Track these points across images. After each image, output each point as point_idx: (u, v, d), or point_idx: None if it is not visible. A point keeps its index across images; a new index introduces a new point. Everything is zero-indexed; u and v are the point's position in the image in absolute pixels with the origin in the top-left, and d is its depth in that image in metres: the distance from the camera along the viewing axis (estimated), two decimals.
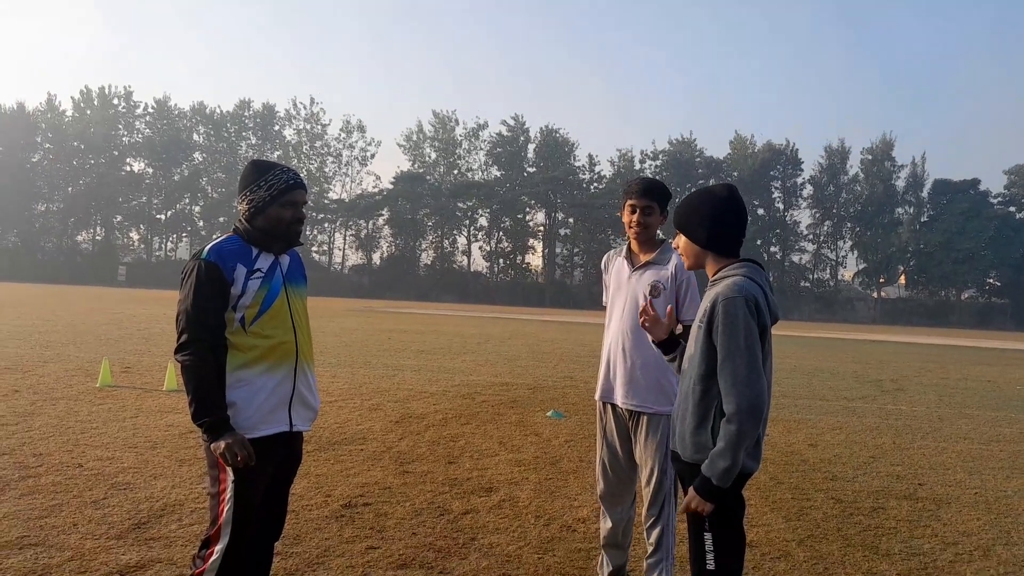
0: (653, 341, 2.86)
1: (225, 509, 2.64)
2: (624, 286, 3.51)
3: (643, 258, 3.49)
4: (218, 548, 2.63)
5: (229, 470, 2.63)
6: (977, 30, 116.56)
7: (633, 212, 3.46)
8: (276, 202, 2.76)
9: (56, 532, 4.08)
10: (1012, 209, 68.45)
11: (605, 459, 3.55)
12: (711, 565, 2.47)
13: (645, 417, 3.37)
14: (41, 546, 3.87)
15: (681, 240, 2.68)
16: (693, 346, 2.55)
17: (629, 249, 3.57)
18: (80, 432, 6.57)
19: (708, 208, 2.59)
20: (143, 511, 4.52)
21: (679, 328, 3.34)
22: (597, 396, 3.63)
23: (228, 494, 2.64)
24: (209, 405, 2.59)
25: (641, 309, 2.83)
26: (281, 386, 2.75)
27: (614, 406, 3.51)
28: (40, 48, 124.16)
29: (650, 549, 3.37)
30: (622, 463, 3.50)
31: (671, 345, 2.85)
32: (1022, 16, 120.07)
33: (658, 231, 3.51)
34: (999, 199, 68.95)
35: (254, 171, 2.80)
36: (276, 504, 2.93)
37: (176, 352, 2.65)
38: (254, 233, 2.77)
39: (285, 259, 2.88)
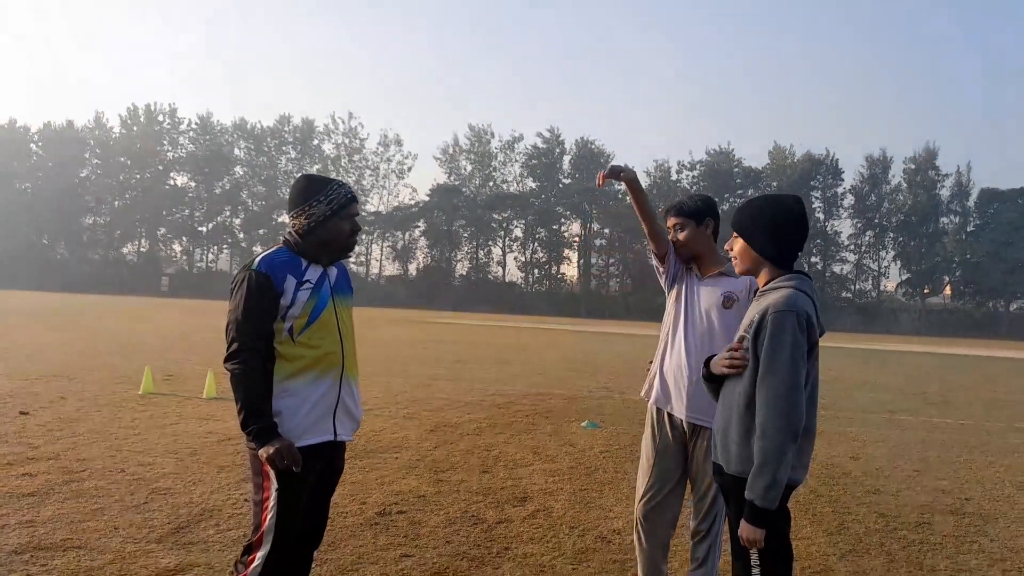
0: (704, 376, 2.67)
1: (268, 516, 2.66)
2: (694, 294, 3.40)
3: (712, 269, 3.40)
4: (260, 555, 2.65)
5: (273, 478, 2.66)
6: (1021, 38, 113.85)
7: (671, 234, 3.46)
8: (336, 215, 2.81)
9: (98, 535, 4.16)
10: None
11: (654, 468, 3.42)
12: None
13: (708, 431, 3.27)
14: (83, 549, 3.95)
15: (738, 244, 2.63)
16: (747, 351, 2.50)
17: (696, 268, 3.49)
18: (123, 438, 6.71)
19: (776, 217, 2.55)
20: (182, 516, 4.58)
21: None
22: (651, 401, 3.49)
23: (272, 502, 2.66)
24: (258, 412, 2.62)
25: (732, 350, 2.53)
26: (326, 396, 2.78)
27: (670, 416, 3.41)
28: (89, 67, 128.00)
29: (694, 564, 3.29)
30: (673, 474, 3.40)
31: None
32: None
33: (715, 247, 3.41)
34: None
35: (311, 186, 2.85)
36: (317, 513, 2.95)
37: (226, 361, 2.68)
38: (305, 246, 2.81)
39: (333, 271, 2.92)
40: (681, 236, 3.40)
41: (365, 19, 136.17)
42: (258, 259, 2.75)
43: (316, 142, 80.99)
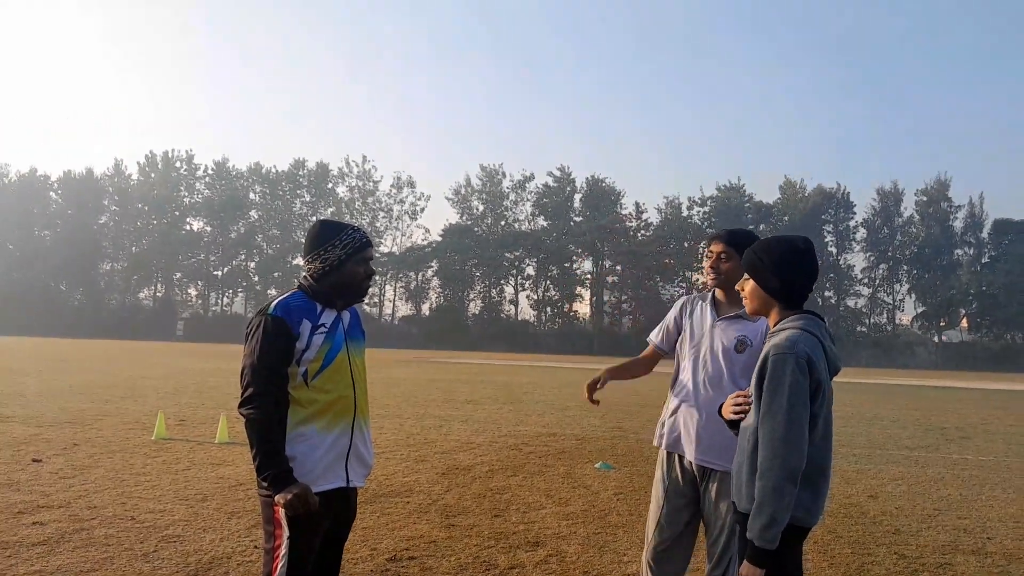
0: (725, 419, 2.71)
1: (280, 565, 2.64)
2: (707, 335, 3.36)
3: (730, 310, 3.37)
4: None
5: (285, 525, 2.64)
6: None
7: (710, 257, 3.42)
8: (351, 260, 2.84)
9: None
10: None
11: (664, 512, 3.37)
12: None
13: (719, 474, 3.24)
14: None
15: (748, 285, 2.66)
16: (751, 398, 2.53)
17: (714, 298, 3.46)
18: (134, 485, 6.70)
19: (783, 256, 2.58)
20: (191, 564, 4.56)
21: None
22: (662, 445, 3.46)
23: (283, 550, 2.64)
24: (274, 457, 2.61)
25: (737, 399, 2.62)
26: (339, 441, 2.77)
27: (681, 458, 3.37)
28: (108, 114, 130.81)
29: None
30: (683, 519, 3.34)
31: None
32: None
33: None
34: None
35: (325, 231, 2.88)
36: (329, 560, 2.92)
37: (241, 406, 2.68)
38: (320, 290, 2.84)
39: (346, 315, 2.93)
40: (724, 266, 3.36)
41: (377, 62, 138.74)
42: (274, 303, 2.77)
43: (330, 185, 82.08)
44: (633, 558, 5.02)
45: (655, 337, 3.67)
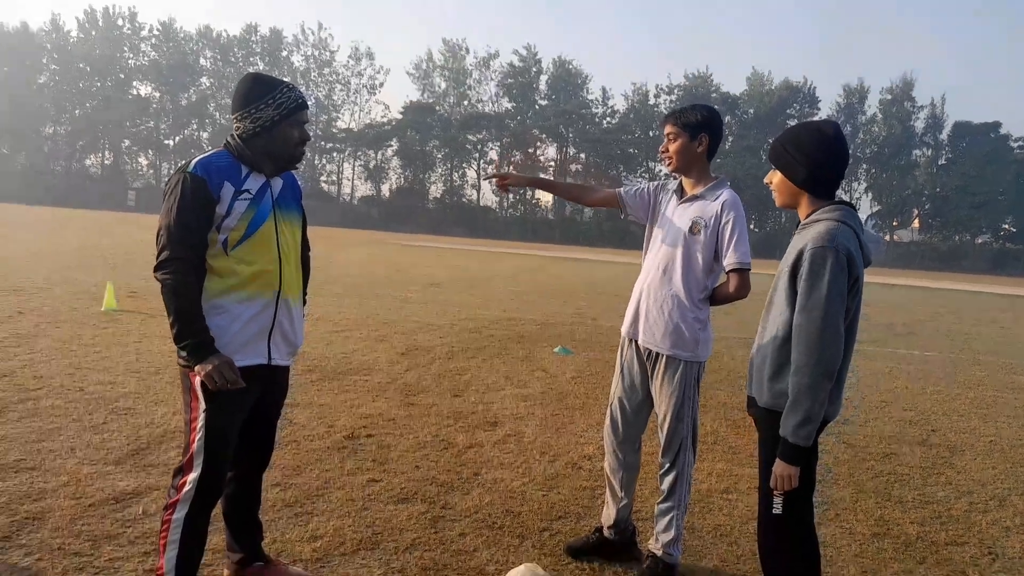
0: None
1: (197, 438, 2.52)
2: (667, 219, 3.28)
3: (691, 191, 3.26)
4: (191, 478, 2.51)
5: (202, 398, 2.51)
6: None
7: (664, 141, 3.28)
8: (285, 121, 2.59)
9: (53, 456, 4.02)
10: None
11: (621, 395, 3.38)
12: (778, 509, 2.41)
13: (663, 359, 3.21)
14: (37, 470, 3.80)
15: (776, 177, 2.53)
16: (776, 290, 2.44)
17: (680, 186, 3.33)
18: (83, 356, 6.50)
19: (814, 146, 2.43)
20: (143, 437, 4.45)
21: (723, 277, 3.18)
22: (623, 330, 3.44)
23: (200, 423, 2.52)
24: (193, 326, 2.45)
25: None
26: (260, 316, 2.60)
27: (636, 342, 3.35)
28: None
29: (662, 496, 3.26)
30: (638, 402, 3.35)
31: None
32: None
33: (705, 166, 3.24)
34: (1020, 143, 67.46)
35: (258, 86, 2.60)
36: (260, 436, 2.83)
37: (156, 270, 2.48)
38: (247, 152, 2.59)
39: (278, 182, 2.70)
40: (671, 147, 3.23)
41: None
42: (195, 161, 2.52)
43: (285, 53, 78.26)
44: (590, 439, 5.07)
45: (625, 188, 3.50)
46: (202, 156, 2.57)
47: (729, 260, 3.10)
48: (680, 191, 3.32)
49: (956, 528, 3.97)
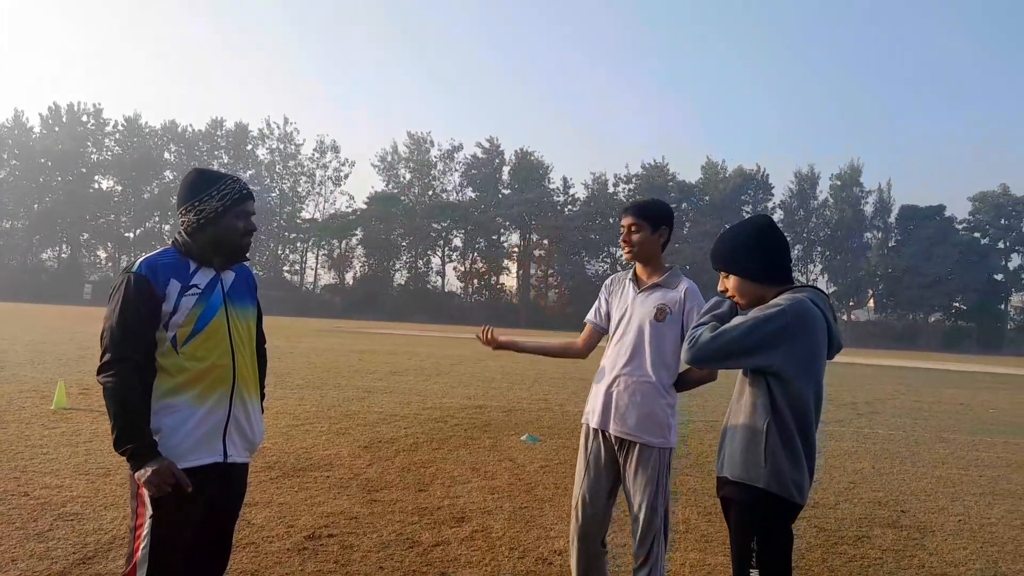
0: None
1: (141, 546, 2.40)
2: (629, 308, 3.34)
3: (649, 280, 3.34)
4: None
5: (148, 504, 2.40)
6: (939, 59, 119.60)
7: (623, 232, 3.38)
8: (229, 212, 2.58)
9: None
10: (977, 235, 69.92)
11: (585, 491, 3.32)
12: None
13: (636, 447, 3.18)
14: None
15: (731, 281, 2.57)
16: (745, 373, 2.49)
17: (635, 274, 3.42)
18: (29, 458, 6.22)
19: (758, 240, 2.52)
20: (90, 544, 4.22)
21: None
22: (585, 419, 3.43)
23: (145, 530, 2.41)
24: (133, 431, 2.37)
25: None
26: (214, 413, 2.52)
27: (603, 432, 3.31)
28: (7, 63, 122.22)
29: None
30: (604, 495, 3.29)
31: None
32: (983, 49, 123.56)
33: (661, 256, 3.37)
34: (964, 225, 70.46)
35: (202, 181, 2.61)
36: (216, 541, 2.69)
37: (98, 373, 2.42)
38: (194, 246, 2.58)
39: (229, 275, 2.67)
40: (635, 238, 3.33)
41: (304, 21, 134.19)
42: (139, 261, 2.51)
43: (250, 147, 79.24)
44: (560, 533, 4.94)
45: (592, 316, 3.59)
46: (148, 255, 2.55)
47: None
48: (636, 280, 3.38)
49: None
